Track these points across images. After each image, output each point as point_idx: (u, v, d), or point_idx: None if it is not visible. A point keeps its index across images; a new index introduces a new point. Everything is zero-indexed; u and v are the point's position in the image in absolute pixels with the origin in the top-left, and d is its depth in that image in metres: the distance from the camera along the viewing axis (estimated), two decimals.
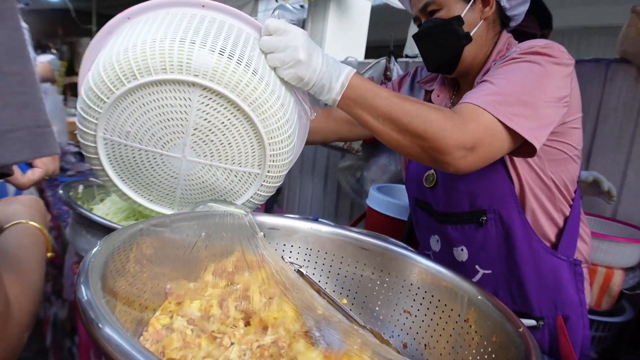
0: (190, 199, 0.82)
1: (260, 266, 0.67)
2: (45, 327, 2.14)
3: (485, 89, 0.83)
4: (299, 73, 0.73)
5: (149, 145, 0.73)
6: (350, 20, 3.95)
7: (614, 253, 1.47)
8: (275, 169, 0.77)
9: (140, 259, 0.56)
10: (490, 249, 0.99)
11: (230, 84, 0.67)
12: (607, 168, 1.78)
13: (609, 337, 1.52)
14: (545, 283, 0.97)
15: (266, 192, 0.81)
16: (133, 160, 0.75)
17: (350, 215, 2.96)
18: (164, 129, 0.71)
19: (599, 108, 1.79)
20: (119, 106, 0.69)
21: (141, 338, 0.55)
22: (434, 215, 1.06)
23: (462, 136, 0.76)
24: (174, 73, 0.65)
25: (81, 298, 0.38)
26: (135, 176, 0.78)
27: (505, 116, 0.79)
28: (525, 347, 0.49)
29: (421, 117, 0.77)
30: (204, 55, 0.65)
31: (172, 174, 0.77)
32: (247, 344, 0.54)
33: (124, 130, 0.71)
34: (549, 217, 0.97)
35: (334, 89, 0.77)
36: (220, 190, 0.80)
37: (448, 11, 0.93)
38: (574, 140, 0.94)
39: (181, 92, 0.67)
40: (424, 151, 0.79)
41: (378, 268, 0.74)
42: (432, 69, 1.01)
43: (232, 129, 0.72)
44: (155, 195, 0.82)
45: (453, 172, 0.80)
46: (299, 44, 0.72)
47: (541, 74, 0.83)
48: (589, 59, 1.82)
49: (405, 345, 0.69)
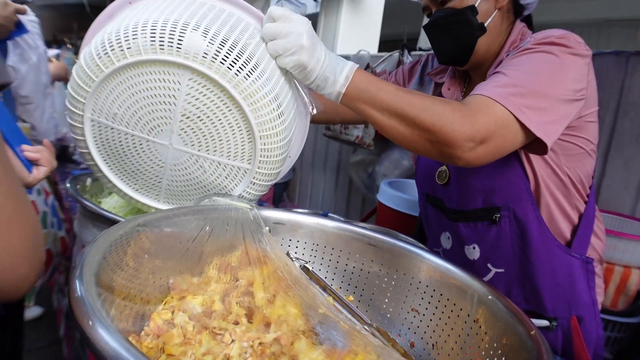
0: (176, 191, 0.78)
1: (265, 262, 0.65)
2: (59, 318, 2.18)
3: (497, 80, 0.80)
4: (302, 59, 0.70)
5: (135, 130, 0.71)
6: (364, 13, 3.91)
7: (632, 252, 1.42)
8: (266, 166, 0.73)
9: (140, 253, 0.55)
10: (503, 247, 0.96)
11: (221, 69, 0.64)
12: (627, 164, 1.72)
13: (624, 338, 1.48)
14: (559, 283, 0.94)
15: (256, 190, 0.77)
16: (119, 144, 0.73)
17: (362, 210, 2.94)
18: (151, 113, 0.69)
19: (618, 102, 1.73)
20: (107, 86, 0.67)
21: (142, 333, 0.54)
22: (446, 212, 1.04)
23: (472, 128, 0.74)
24: (163, 54, 0.63)
25: (73, 294, 0.37)
26: (121, 162, 0.76)
27: (517, 108, 0.76)
28: (537, 351, 0.47)
29: (429, 110, 0.74)
30: (195, 38, 0.63)
31: (158, 162, 0.74)
32: (248, 341, 0.53)
33: (111, 112, 0.69)
34: (564, 214, 0.94)
35: (338, 81, 0.74)
36: (207, 185, 0.76)
37: (461, 0, 0.89)
38: (590, 135, 0.90)
39: (170, 74, 0.65)
40: (432, 145, 0.76)
41: (386, 265, 0.73)
42: (443, 61, 0.98)
43: (222, 118, 0.68)
44: (141, 184, 0.79)
45: (463, 165, 0.77)
46: (303, 31, 0.69)
47: (556, 65, 0.80)
48: (609, 51, 1.77)
49: (412, 345, 0.68)
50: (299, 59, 0.70)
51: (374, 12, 3.95)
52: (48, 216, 1.21)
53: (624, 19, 4.88)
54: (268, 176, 0.75)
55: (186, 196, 0.79)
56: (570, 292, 0.95)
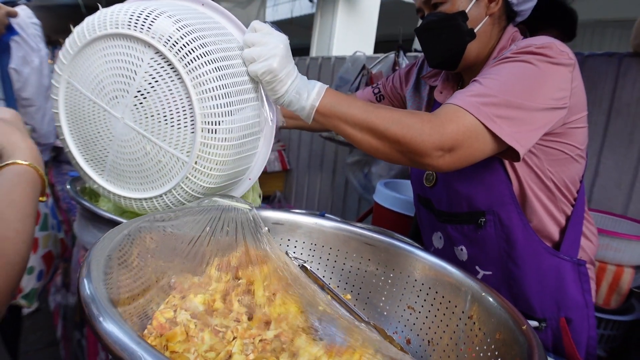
0: (119, 170, 0.80)
1: (264, 261, 0.67)
2: (56, 319, 2.18)
3: (471, 89, 0.81)
4: (274, 66, 0.73)
5: (97, 97, 0.76)
6: (360, 14, 3.93)
7: (624, 251, 1.44)
8: (204, 163, 0.73)
9: (144, 253, 0.57)
10: (489, 250, 0.97)
11: (180, 53, 0.70)
12: (619, 164, 1.75)
13: (618, 335, 1.50)
14: (547, 284, 0.95)
15: (191, 189, 0.76)
16: (82, 109, 0.79)
17: (358, 210, 2.96)
18: (112, 84, 0.75)
19: (611, 103, 1.76)
20: (86, 53, 0.76)
21: (145, 331, 0.55)
22: (435, 213, 1.05)
23: (440, 138, 0.76)
24: (135, 31, 0.71)
25: (83, 292, 0.38)
26: (80, 128, 0.81)
27: (487, 118, 0.77)
28: (528, 345, 0.49)
29: (398, 123, 0.77)
30: (166, 23, 0.70)
31: (109, 135, 0.78)
32: (249, 339, 0.55)
33: (83, 76, 0.77)
34: (552, 217, 0.95)
35: (310, 97, 0.78)
36: (146, 169, 0.77)
37: (453, 5, 0.90)
38: (576, 140, 0.90)
39: (136, 50, 0.72)
40: (403, 155, 0.79)
41: (382, 263, 0.74)
42: (433, 64, 0.99)
43: (171, 102, 0.72)
44: (91, 154, 0.82)
45: (433, 170, 0.80)
46: (280, 43, 0.75)
47: (534, 75, 0.80)
48: (601, 52, 1.79)
49: (408, 341, 0.69)
50: (271, 65, 0.74)
51: (370, 13, 3.97)
52: (49, 218, 1.22)
53: (617, 19, 4.93)
54: (206, 176, 0.75)
55: (127, 179, 0.80)
56: (559, 294, 0.96)
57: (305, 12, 5.30)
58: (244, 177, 0.86)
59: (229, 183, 0.83)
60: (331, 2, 3.90)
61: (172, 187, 0.76)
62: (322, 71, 3.21)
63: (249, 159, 0.83)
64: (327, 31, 3.93)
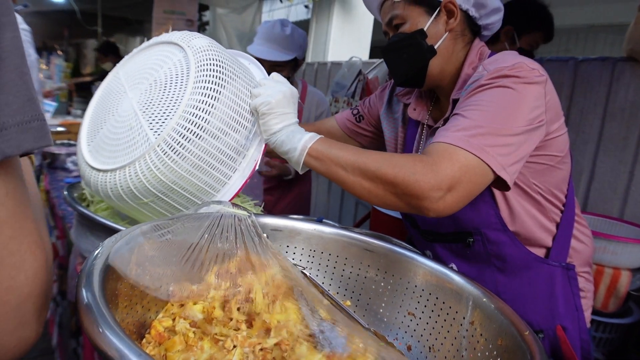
0: (102, 143, 0.83)
1: (264, 268, 0.66)
2: (51, 328, 2.15)
3: (455, 123, 0.80)
4: (271, 100, 0.80)
5: (126, 82, 0.86)
6: (355, 19, 3.95)
7: (621, 254, 1.45)
8: (166, 149, 0.74)
9: (142, 261, 0.56)
10: (480, 267, 0.97)
11: (199, 57, 0.80)
12: (614, 168, 1.76)
13: (615, 338, 1.50)
14: (540, 295, 0.95)
15: (143, 171, 0.76)
16: (111, 91, 0.89)
17: (355, 215, 2.96)
18: (141, 73, 0.85)
19: (605, 107, 1.77)
20: (139, 55, 0.91)
21: (143, 341, 0.55)
22: (421, 233, 1.06)
23: (436, 177, 0.73)
24: (179, 41, 0.85)
25: (81, 301, 0.38)
26: (101, 106, 0.89)
27: (480, 149, 0.76)
28: (530, 351, 0.49)
29: (389, 162, 0.75)
30: (202, 41, 0.83)
31: (113, 111, 0.85)
32: (249, 347, 0.54)
33: (127, 69, 0.89)
34: (543, 227, 0.95)
35: (304, 138, 0.80)
36: (121, 142, 0.79)
37: (411, 25, 0.92)
38: (555, 149, 0.90)
39: (171, 53, 0.84)
40: (399, 198, 0.76)
41: (382, 269, 0.74)
42: (399, 83, 1.00)
43: (168, 92, 0.79)
44: (92, 126, 0.87)
45: (435, 216, 0.76)
46: (286, 89, 0.83)
47: (513, 99, 0.80)
48: (595, 57, 1.81)
49: (409, 348, 0.69)
50: (269, 100, 0.80)
51: (365, 18, 3.98)
52: None
53: (610, 24, 4.97)
54: (161, 163, 0.75)
55: (102, 150, 0.82)
56: (552, 303, 0.95)
57: (300, 17, 5.32)
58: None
59: (183, 195, 0.81)
60: (326, 7, 3.92)
61: (128, 163, 0.77)
62: (318, 77, 3.22)
63: (215, 181, 0.82)
64: (322, 37, 3.94)
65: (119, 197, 0.79)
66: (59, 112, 4.01)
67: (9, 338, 0.31)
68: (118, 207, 0.85)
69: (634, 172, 1.72)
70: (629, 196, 1.73)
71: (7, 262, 0.31)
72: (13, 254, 0.32)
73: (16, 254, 0.32)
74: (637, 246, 1.45)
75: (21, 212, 0.33)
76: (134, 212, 0.85)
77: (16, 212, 0.32)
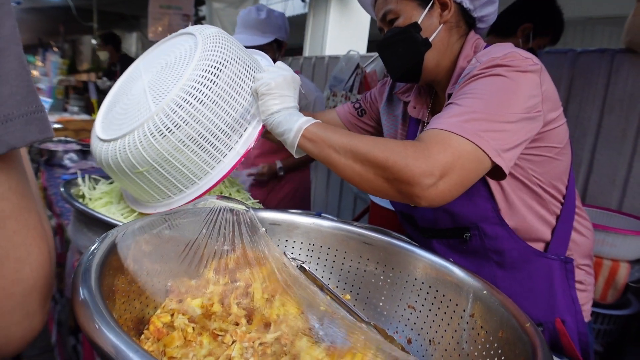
0: (113, 119, 0.88)
1: (262, 263, 0.66)
2: (50, 325, 2.15)
3: (449, 111, 0.79)
4: (271, 82, 0.82)
5: (144, 69, 0.92)
6: (352, 13, 3.92)
7: (619, 246, 1.45)
8: (164, 119, 0.78)
9: (139, 257, 0.56)
10: (478, 262, 0.97)
11: (207, 41, 0.85)
12: (613, 160, 1.76)
13: (614, 330, 1.51)
14: (539, 288, 0.95)
15: (144, 139, 0.79)
16: (131, 78, 0.95)
17: (354, 210, 2.96)
18: (157, 59, 0.92)
19: (604, 99, 1.77)
20: (159, 46, 0.98)
21: (142, 336, 0.54)
22: (420, 230, 1.05)
23: (427, 162, 0.71)
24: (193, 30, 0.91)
25: (77, 297, 0.37)
26: (119, 91, 0.94)
27: (474, 134, 0.74)
28: (531, 343, 0.48)
29: (381, 146, 0.74)
30: (213, 30, 0.89)
31: (128, 92, 0.90)
32: (249, 342, 0.54)
33: (147, 58, 0.96)
34: (542, 219, 0.94)
35: (299, 121, 0.80)
36: (127, 116, 0.84)
37: (405, 19, 0.91)
38: (554, 140, 0.89)
39: (184, 40, 0.91)
40: (389, 183, 0.74)
41: (382, 263, 0.73)
42: (396, 78, 0.99)
43: (174, 71, 0.83)
44: (107, 107, 0.93)
45: (426, 205, 0.74)
46: (287, 73, 0.85)
47: (507, 86, 0.79)
48: (594, 49, 1.80)
49: (409, 341, 0.69)
50: (269, 82, 0.82)
51: (362, 12, 3.96)
52: None
53: (609, 16, 4.96)
54: (159, 134, 0.78)
55: (112, 125, 0.87)
56: (550, 297, 0.95)
57: (298, 12, 5.29)
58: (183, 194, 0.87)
59: (178, 168, 0.83)
60: (323, 1, 3.89)
61: (128, 131, 0.80)
62: (316, 71, 3.20)
63: (209, 156, 0.83)
64: (319, 31, 3.92)
65: (117, 166, 0.83)
66: (55, 108, 3.98)
67: (16, 329, 0.32)
68: (118, 180, 0.89)
69: (633, 164, 1.72)
70: (627, 188, 1.73)
71: (13, 255, 0.32)
72: (18, 247, 0.32)
73: (21, 247, 0.32)
74: (636, 238, 1.45)
75: (25, 205, 0.33)
76: (133, 186, 0.87)
77: (20, 206, 0.33)
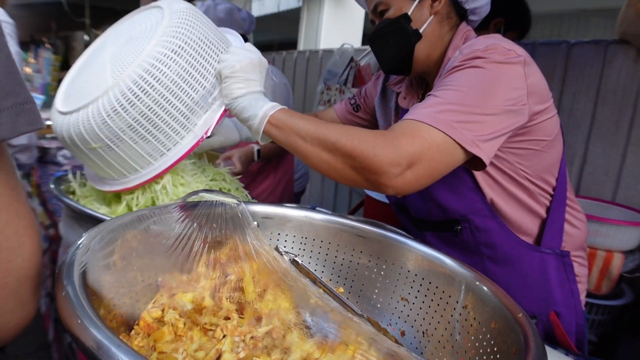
0: (73, 92, 0.86)
1: (254, 256, 0.65)
2: (47, 322, 2.14)
3: (425, 102, 0.78)
4: (236, 65, 0.80)
5: (110, 42, 0.90)
6: (346, 6, 3.91)
7: (613, 236, 1.46)
8: (119, 96, 0.76)
9: (128, 252, 0.55)
10: (471, 255, 0.97)
11: (174, 15, 0.83)
12: (606, 151, 1.76)
13: (608, 320, 1.52)
14: (532, 281, 0.95)
15: (97, 115, 0.77)
16: (97, 52, 0.92)
17: (349, 203, 2.96)
18: (123, 33, 0.89)
19: (597, 90, 1.77)
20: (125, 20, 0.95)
21: (132, 332, 0.54)
22: (413, 221, 1.05)
23: (395, 151, 0.71)
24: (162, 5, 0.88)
25: (60, 293, 0.36)
26: (84, 65, 0.92)
27: (446, 125, 0.73)
28: (524, 333, 0.48)
29: (349, 135, 0.74)
30: (183, 5, 0.86)
31: (90, 66, 0.88)
32: (240, 336, 0.53)
33: (114, 31, 0.93)
34: (532, 212, 0.94)
35: (264, 106, 0.78)
36: (88, 89, 0.82)
37: (396, 10, 0.91)
38: (542, 133, 0.87)
39: (153, 14, 0.88)
40: (357, 172, 0.74)
41: (374, 255, 0.73)
42: (387, 70, 0.98)
43: (138, 43, 0.82)
44: (77, 72, 0.91)
45: (393, 194, 0.74)
46: (254, 56, 0.83)
47: (486, 78, 0.78)
48: (587, 40, 1.80)
49: (403, 333, 0.68)
50: (234, 65, 0.81)
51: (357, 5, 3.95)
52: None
53: (602, 8, 4.96)
54: (113, 111, 0.77)
55: (71, 97, 0.85)
56: (545, 290, 0.95)
57: (292, 6, 5.27)
58: (138, 173, 0.86)
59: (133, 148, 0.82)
60: None
61: (83, 105, 0.79)
62: (310, 64, 3.19)
63: (166, 137, 0.82)
64: (314, 24, 3.90)
65: (71, 140, 0.82)
66: (47, 105, 3.95)
67: (10, 317, 0.34)
68: (77, 156, 0.88)
69: (626, 155, 1.72)
70: (621, 179, 1.74)
71: (5, 246, 0.32)
72: (10, 238, 0.33)
73: (13, 238, 0.33)
74: (630, 228, 1.46)
75: (15, 196, 0.34)
76: (89, 162, 0.86)
77: (11, 197, 0.33)
